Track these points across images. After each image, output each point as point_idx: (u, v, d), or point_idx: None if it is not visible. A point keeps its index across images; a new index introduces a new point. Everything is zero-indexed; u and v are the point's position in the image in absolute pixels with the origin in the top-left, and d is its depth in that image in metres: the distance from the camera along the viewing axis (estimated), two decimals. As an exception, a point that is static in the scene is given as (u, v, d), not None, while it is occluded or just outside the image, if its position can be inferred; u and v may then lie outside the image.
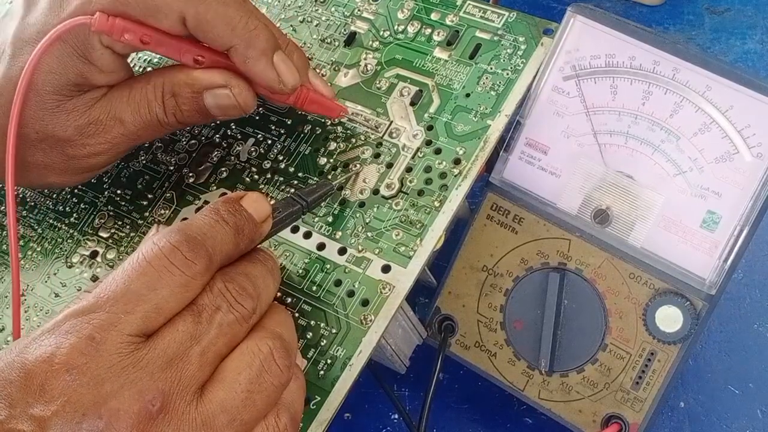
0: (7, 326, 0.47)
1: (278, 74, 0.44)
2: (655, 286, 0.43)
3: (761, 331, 0.50)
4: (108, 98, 0.45)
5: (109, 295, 0.34)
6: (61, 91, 0.43)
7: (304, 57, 0.46)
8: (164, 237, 0.35)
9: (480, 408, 0.49)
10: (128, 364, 0.33)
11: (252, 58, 0.43)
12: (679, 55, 0.42)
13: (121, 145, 0.45)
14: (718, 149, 0.41)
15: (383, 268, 0.42)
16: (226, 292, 0.35)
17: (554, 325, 0.44)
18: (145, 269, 0.34)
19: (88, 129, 0.44)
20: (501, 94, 0.44)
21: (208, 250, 0.35)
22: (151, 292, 0.34)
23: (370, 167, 0.45)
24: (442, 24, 0.47)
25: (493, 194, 0.46)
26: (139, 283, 0.34)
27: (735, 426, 0.47)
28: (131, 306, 0.33)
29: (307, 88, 0.45)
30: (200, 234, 0.36)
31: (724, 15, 0.62)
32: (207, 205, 0.38)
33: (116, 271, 0.35)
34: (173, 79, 0.44)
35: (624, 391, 0.43)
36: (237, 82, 0.44)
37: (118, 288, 0.34)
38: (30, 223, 0.50)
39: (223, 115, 0.45)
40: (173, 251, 0.35)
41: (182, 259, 0.34)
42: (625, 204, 0.43)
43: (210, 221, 0.36)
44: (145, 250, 0.35)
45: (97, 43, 0.43)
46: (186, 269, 0.34)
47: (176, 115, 0.45)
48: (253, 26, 0.43)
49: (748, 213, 0.41)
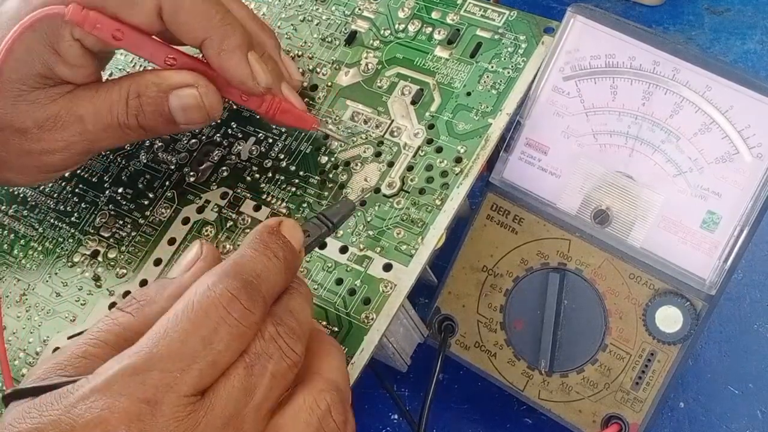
0: (8, 326, 0.47)
1: (252, 71, 0.43)
2: (655, 286, 0.43)
3: (761, 331, 0.50)
4: (72, 95, 0.44)
5: (163, 351, 0.32)
6: (26, 80, 0.43)
7: (279, 68, 0.46)
8: (221, 283, 0.33)
9: (480, 408, 0.49)
10: (185, 429, 0.31)
11: (226, 50, 0.42)
12: (679, 55, 0.42)
13: (78, 145, 0.44)
14: (718, 149, 0.41)
15: (385, 267, 0.42)
16: (278, 337, 0.34)
17: (554, 326, 0.44)
18: (201, 321, 0.32)
19: (46, 123, 0.43)
20: (502, 92, 0.44)
21: (264, 296, 0.34)
22: (208, 346, 0.32)
23: (371, 166, 0.45)
24: (442, 23, 0.47)
25: (493, 194, 0.46)
26: (195, 337, 0.32)
27: (735, 426, 0.47)
28: (187, 363, 0.31)
29: (280, 98, 0.45)
30: (256, 277, 0.34)
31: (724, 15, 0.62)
32: (252, 237, 0.36)
33: (169, 319, 0.32)
34: (141, 80, 0.44)
35: (624, 391, 0.43)
36: (205, 83, 0.43)
37: (173, 343, 0.32)
38: (31, 222, 0.50)
39: (186, 121, 0.44)
40: (232, 301, 0.33)
41: (241, 310, 0.33)
42: (625, 204, 0.43)
43: (263, 259, 0.35)
44: (201, 298, 0.33)
45: (68, 35, 0.42)
46: (244, 320, 0.33)
47: (138, 117, 0.44)
48: (230, 21, 0.43)
49: (748, 213, 0.41)
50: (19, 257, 0.49)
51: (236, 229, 0.46)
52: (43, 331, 0.46)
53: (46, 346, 0.46)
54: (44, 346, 0.46)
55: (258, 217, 0.45)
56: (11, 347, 0.46)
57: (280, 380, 0.33)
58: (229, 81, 0.43)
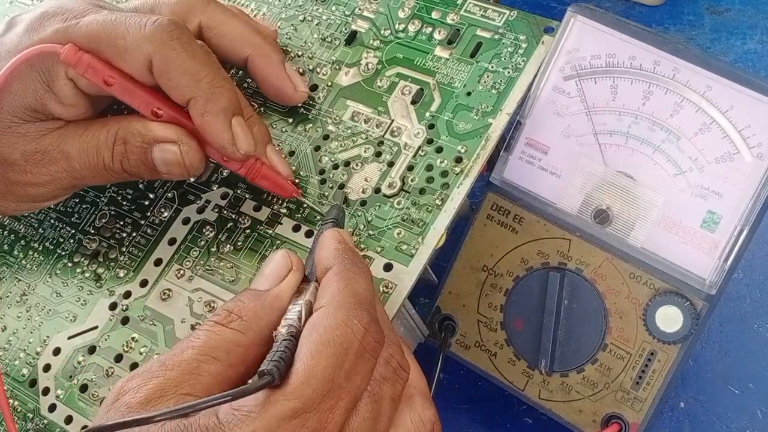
0: (8, 326, 0.47)
1: (233, 136, 0.43)
2: (655, 286, 0.43)
3: (761, 331, 0.50)
4: (61, 132, 0.44)
5: (315, 391, 0.32)
6: (17, 113, 0.43)
7: (265, 130, 0.46)
8: (354, 317, 0.34)
9: (480, 408, 0.49)
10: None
11: (210, 113, 0.42)
12: (679, 55, 0.42)
13: (63, 181, 0.45)
14: (719, 149, 0.41)
15: (385, 267, 0.42)
16: (391, 359, 0.35)
17: (554, 325, 0.44)
18: (343, 357, 0.33)
19: (33, 156, 0.44)
20: (502, 92, 0.44)
21: (382, 323, 0.35)
22: (349, 382, 0.33)
23: (371, 166, 0.45)
24: (443, 23, 0.47)
25: (494, 194, 0.46)
26: (340, 374, 0.32)
27: (735, 426, 0.47)
28: (334, 401, 0.32)
29: (261, 162, 0.44)
30: (370, 303, 0.35)
31: (724, 15, 0.62)
32: (338, 255, 0.37)
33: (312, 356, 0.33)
34: (128, 126, 0.44)
35: (624, 391, 0.43)
36: (188, 140, 0.43)
37: (322, 382, 0.32)
38: (31, 222, 0.50)
39: (168, 173, 0.44)
40: (366, 335, 0.33)
41: (374, 342, 0.34)
42: (626, 204, 0.43)
43: (363, 281, 0.36)
44: (340, 334, 0.33)
45: (62, 73, 0.43)
46: (374, 353, 0.34)
47: (122, 162, 0.44)
48: (219, 85, 0.42)
49: (749, 213, 0.41)
50: (19, 257, 0.49)
51: (236, 229, 0.46)
52: (44, 331, 0.46)
53: (47, 346, 0.46)
54: (44, 346, 0.46)
55: (258, 217, 0.45)
56: (11, 347, 0.46)
57: (396, 402, 0.35)
58: (210, 144, 0.43)
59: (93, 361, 0.44)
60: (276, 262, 0.38)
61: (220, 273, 0.45)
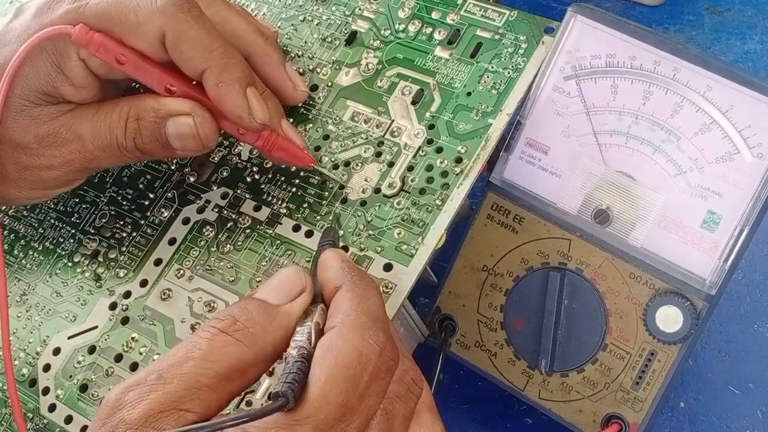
0: (7, 325, 0.47)
1: (249, 106, 0.43)
2: (656, 286, 0.43)
3: (761, 331, 0.50)
4: (74, 113, 0.44)
5: (330, 417, 0.32)
6: (29, 96, 0.43)
7: (279, 105, 0.46)
8: (369, 338, 0.33)
9: (480, 408, 0.49)
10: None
11: (225, 83, 0.42)
12: (679, 55, 0.42)
13: (76, 163, 0.44)
14: (719, 149, 0.41)
15: (385, 267, 0.42)
16: (404, 375, 0.35)
17: (554, 325, 0.44)
18: (359, 380, 0.32)
19: (46, 139, 0.44)
20: (502, 92, 0.44)
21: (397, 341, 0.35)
22: (363, 403, 0.32)
23: (371, 166, 0.45)
24: (443, 23, 0.47)
25: (494, 194, 0.46)
26: (354, 396, 0.32)
27: (735, 426, 0.47)
28: (347, 424, 0.32)
29: (277, 134, 0.44)
30: (385, 322, 0.35)
31: (724, 15, 0.62)
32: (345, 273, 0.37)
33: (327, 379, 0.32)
34: (140, 103, 0.44)
35: (624, 391, 0.43)
36: (202, 112, 0.43)
37: (338, 407, 0.32)
38: (31, 222, 0.50)
39: (182, 148, 0.44)
40: (382, 355, 0.33)
41: (389, 364, 0.33)
42: (626, 204, 0.43)
43: (376, 299, 0.35)
44: (356, 357, 0.33)
45: (74, 54, 0.43)
46: (390, 372, 0.34)
47: (135, 140, 0.44)
48: (231, 55, 0.43)
49: (749, 213, 0.41)
50: (19, 257, 0.49)
51: (236, 229, 0.46)
52: (44, 331, 0.46)
53: (47, 345, 0.46)
54: (44, 345, 0.46)
55: (258, 217, 0.45)
56: (11, 347, 0.46)
57: (409, 419, 0.35)
58: (226, 114, 0.43)
59: (93, 360, 0.44)
60: (289, 277, 0.37)
61: (220, 273, 0.45)
